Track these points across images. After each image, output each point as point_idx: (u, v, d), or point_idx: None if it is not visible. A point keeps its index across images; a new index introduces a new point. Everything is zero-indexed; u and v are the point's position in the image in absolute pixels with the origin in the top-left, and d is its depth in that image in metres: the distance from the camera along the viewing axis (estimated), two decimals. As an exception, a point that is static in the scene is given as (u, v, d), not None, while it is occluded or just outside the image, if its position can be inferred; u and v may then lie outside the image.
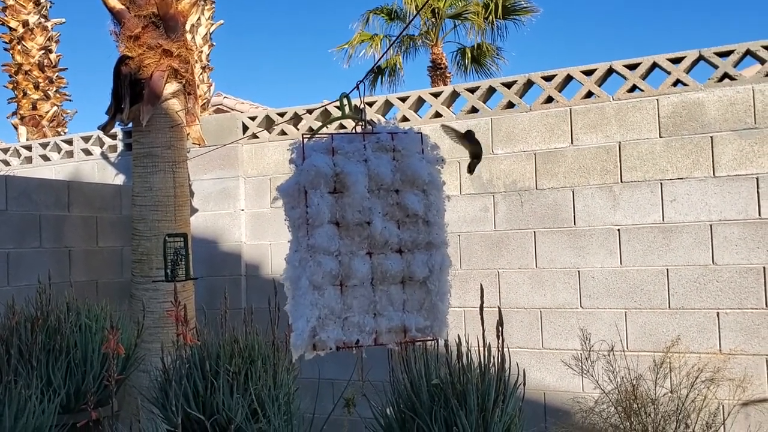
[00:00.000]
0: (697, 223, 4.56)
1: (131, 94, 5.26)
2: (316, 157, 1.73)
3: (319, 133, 1.83)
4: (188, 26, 8.70)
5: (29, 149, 7.53)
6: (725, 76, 4.61)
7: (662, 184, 4.67)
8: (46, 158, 7.37)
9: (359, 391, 3.68)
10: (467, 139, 2.71)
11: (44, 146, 7.40)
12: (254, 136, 6.15)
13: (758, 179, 4.42)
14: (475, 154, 2.73)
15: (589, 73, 5.01)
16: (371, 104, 5.75)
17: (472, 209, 5.24)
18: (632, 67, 4.89)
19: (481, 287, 3.12)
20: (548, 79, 5.14)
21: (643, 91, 4.81)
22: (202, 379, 3.44)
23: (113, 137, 6.95)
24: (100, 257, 6.05)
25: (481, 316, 3.07)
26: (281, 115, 6.18)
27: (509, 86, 5.28)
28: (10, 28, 10.64)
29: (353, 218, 1.75)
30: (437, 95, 5.56)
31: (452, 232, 5.07)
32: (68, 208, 5.82)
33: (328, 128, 2.18)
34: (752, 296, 4.41)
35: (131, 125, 5.48)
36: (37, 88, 10.77)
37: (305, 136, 1.77)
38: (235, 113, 6.84)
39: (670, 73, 4.74)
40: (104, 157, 7.01)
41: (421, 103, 5.71)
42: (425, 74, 13.78)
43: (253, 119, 6.25)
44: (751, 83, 4.49)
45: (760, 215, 4.40)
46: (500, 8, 12.80)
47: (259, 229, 6.10)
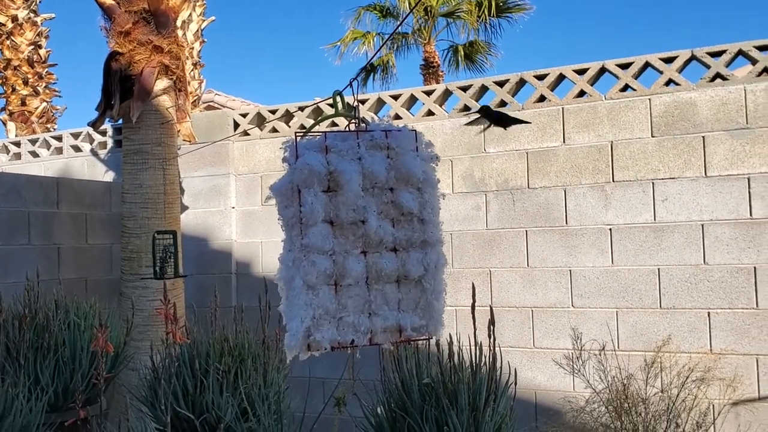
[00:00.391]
0: (688, 222, 4.57)
1: (121, 90, 5.23)
2: (309, 155, 1.71)
3: (312, 131, 1.81)
4: (179, 22, 8.66)
5: (18, 145, 7.47)
6: (717, 76, 4.61)
7: (654, 183, 4.68)
8: (35, 154, 7.31)
9: (350, 390, 3.67)
10: (486, 116, 2.56)
11: (33, 142, 7.34)
12: (245, 133, 6.12)
13: (749, 179, 4.42)
14: (501, 120, 2.50)
15: (581, 72, 5.01)
16: (363, 102, 5.73)
17: (464, 208, 5.23)
18: (625, 66, 4.89)
19: (473, 286, 3.11)
20: (541, 78, 5.14)
21: (635, 90, 4.82)
22: (191, 377, 3.42)
23: (103, 134, 6.90)
24: (89, 254, 6.01)
25: (472, 315, 3.06)
26: (273, 112, 6.15)
27: (502, 85, 5.27)
28: (-1, 23, 10.57)
29: (347, 217, 1.73)
30: (430, 93, 5.54)
31: (444, 230, 5.03)
32: (57, 205, 5.78)
33: (320, 126, 2.16)
34: (743, 296, 4.42)
35: (121, 122, 5.45)
36: (26, 83, 10.70)
37: (298, 134, 1.75)
38: (226, 110, 6.81)
39: (662, 72, 4.75)
40: (94, 153, 6.96)
41: (413, 101, 5.70)
42: (418, 72, 13.75)
43: (244, 116, 6.22)
44: (743, 83, 4.50)
45: (751, 215, 4.41)
46: (493, 6, 12.78)
47: (249, 226, 6.07)
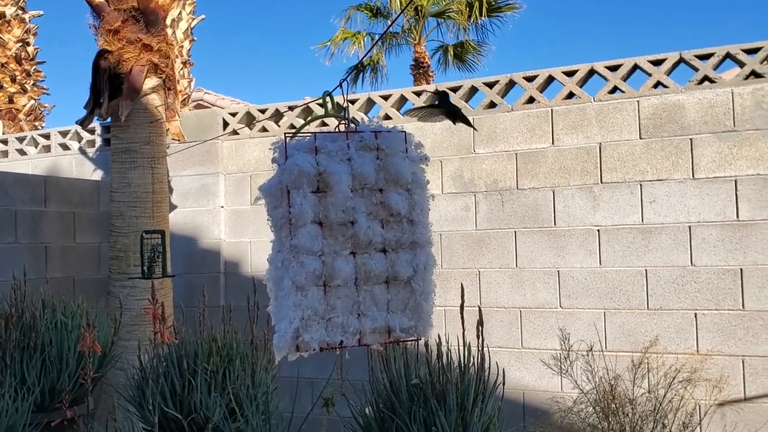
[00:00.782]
0: (676, 224, 4.60)
1: (110, 88, 5.20)
2: (298, 156, 1.71)
3: (301, 131, 1.81)
4: (169, 21, 8.63)
5: (5, 143, 7.42)
6: (705, 78, 4.64)
7: (642, 185, 4.70)
8: (22, 152, 7.27)
9: (338, 390, 3.67)
10: (440, 105, 2.23)
11: (21, 140, 7.30)
12: (235, 132, 6.10)
13: (736, 181, 4.46)
14: (452, 113, 2.26)
15: (570, 74, 5.03)
16: (353, 102, 5.73)
17: (453, 208, 5.24)
18: (614, 68, 4.92)
19: (461, 287, 3.12)
20: (530, 79, 5.15)
21: (624, 92, 4.84)
22: (179, 377, 3.41)
23: (91, 132, 6.87)
24: (76, 253, 5.97)
25: (461, 315, 3.07)
26: (262, 111, 6.14)
27: (491, 86, 5.28)
28: (-14, 19, 10.50)
29: (337, 218, 1.73)
30: (419, 94, 5.55)
31: (433, 231, 5.03)
32: (45, 203, 5.74)
33: (309, 127, 2.16)
34: (729, 297, 4.45)
35: (110, 120, 5.42)
36: (14, 81, 10.63)
37: (288, 134, 1.75)
38: (215, 109, 6.79)
39: (651, 74, 4.77)
40: (82, 152, 6.92)
41: (403, 101, 5.70)
42: (408, 72, 13.74)
43: (233, 115, 6.20)
44: (730, 86, 4.53)
45: (737, 217, 4.45)
46: (484, 5, 12.76)
47: (238, 226, 6.06)
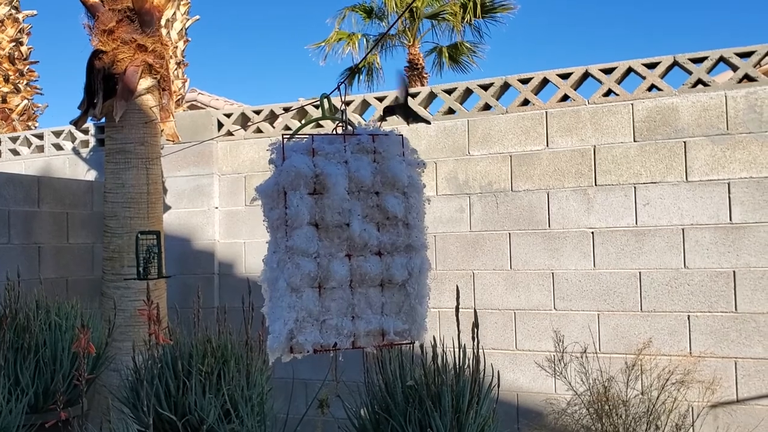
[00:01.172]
0: (669, 227, 4.61)
1: (104, 89, 5.18)
2: (296, 158, 1.71)
3: (299, 133, 1.81)
4: (163, 21, 8.61)
5: (-2, 143, 7.39)
6: (699, 81, 4.66)
7: (636, 188, 4.72)
8: (15, 153, 7.24)
9: (333, 392, 3.67)
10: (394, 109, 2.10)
11: (14, 140, 7.27)
12: (229, 133, 6.10)
13: (730, 184, 4.48)
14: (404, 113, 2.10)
15: (565, 76, 5.04)
16: (348, 103, 5.73)
17: (447, 210, 5.25)
18: (608, 71, 4.93)
19: (457, 289, 3.13)
20: (525, 81, 5.17)
21: (618, 95, 4.85)
22: (174, 378, 3.41)
23: (85, 132, 6.85)
24: (70, 254, 5.96)
25: (456, 317, 3.08)
26: (257, 112, 6.14)
27: (486, 88, 5.29)
28: (-21, 19, 10.47)
29: (333, 220, 1.73)
30: (414, 96, 5.55)
31: (428, 232, 5.06)
32: (38, 203, 5.73)
33: (306, 128, 2.15)
34: (722, 300, 4.47)
35: (104, 120, 5.41)
36: (7, 80, 10.59)
37: (285, 136, 1.75)
38: (210, 110, 6.78)
39: (645, 78, 4.79)
40: (76, 152, 6.90)
41: (398, 103, 5.69)
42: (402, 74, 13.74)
43: (228, 116, 6.20)
44: (723, 89, 4.55)
45: (730, 220, 4.47)
46: (478, 6, 12.76)
47: (233, 227, 6.05)
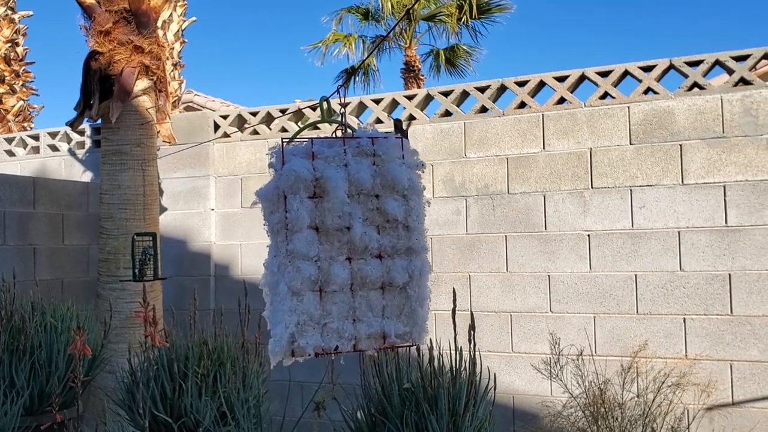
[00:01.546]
0: (665, 229, 4.62)
1: (101, 90, 5.18)
2: (295, 161, 1.71)
3: (298, 137, 1.81)
4: (160, 22, 8.60)
5: (-7, 144, 7.37)
6: (695, 85, 4.68)
7: (632, 190, 4.73)
8: (11, 153, 7.22)
9: (330, 394, 3.66)
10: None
11: (9, 141, 7.25)
12: (226, 135, 6.09)
13: (725, 187, 4.49)
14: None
15: (561, 79, 5.05)
16: (345, 105, 5.71)
17: (444, 212, 5.25)
18: (604, 74, 4.95)
19: (453, 291, 3.12)
20: (521, 84, 5.18)
21: (614, 98, 4.87)
22: (170, 381, 3.39)
23: (81, 134, 6.83)
24: (65, 255, 5.94)
25: (453, 320, 3.07)
26: (254, 114, 6.13)
27: (483, 90, 5.30)
28: (-26, 19, 10.43)
29: (333, 223, 1.73)
30: (411, 98, 5.56)
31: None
32: (34, 204, 5.71)
33: (304, 132, 2.16)
34: (718, 303, 4.48)
35: (100, 122, 5.40)
36: (2, 81, 10.56)
37: (284, 140, 1.75)
38: (206, 111, 6.77)
39: (641, 81, 4.81)
40: (72, 153, 6.89)
41: (395, 105, 5.71)
42: (398, 75, 13.75)
43: (224, 118, 6.19)
44: (719, 93, 4.56)
45: (726, 223, 4.48)
46: (474, 7, 12.75)
47: (229, 229, 6.04)
